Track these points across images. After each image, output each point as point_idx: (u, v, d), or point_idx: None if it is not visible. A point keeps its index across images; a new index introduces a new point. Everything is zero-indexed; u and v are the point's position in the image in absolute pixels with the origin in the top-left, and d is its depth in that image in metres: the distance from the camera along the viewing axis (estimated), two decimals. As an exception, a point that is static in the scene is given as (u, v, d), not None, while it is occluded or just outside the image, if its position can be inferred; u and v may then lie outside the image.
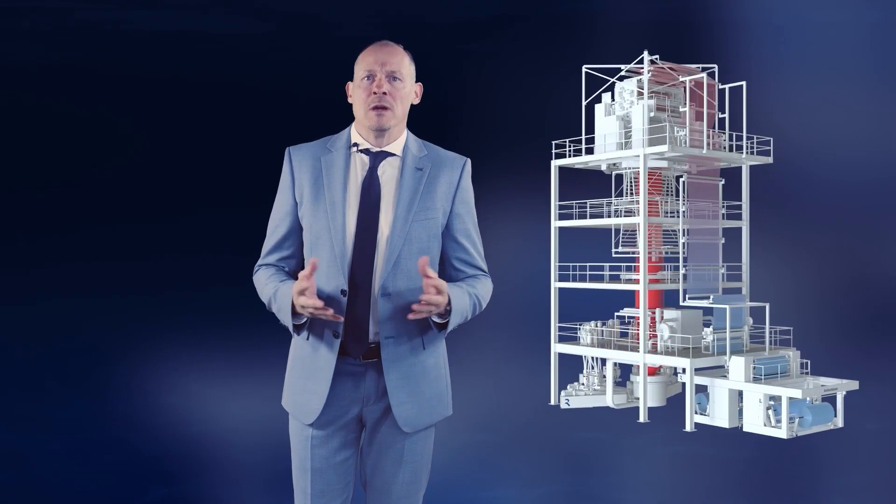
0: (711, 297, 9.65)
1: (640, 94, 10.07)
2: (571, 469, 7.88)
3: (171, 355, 11.22)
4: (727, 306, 9.34)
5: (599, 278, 10.45)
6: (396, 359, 2.81)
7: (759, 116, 10.44)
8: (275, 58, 12.99)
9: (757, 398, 8.78)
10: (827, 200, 11.56)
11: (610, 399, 9.92)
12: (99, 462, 7.54)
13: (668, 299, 10.21)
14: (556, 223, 10.43)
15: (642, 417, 9.36)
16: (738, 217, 10.42)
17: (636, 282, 9.91)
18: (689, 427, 8.99)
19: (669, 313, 9.85)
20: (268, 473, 6.97)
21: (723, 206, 10.09)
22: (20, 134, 13.91)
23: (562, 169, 10.46)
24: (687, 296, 9.70)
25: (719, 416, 9.08)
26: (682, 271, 9.66)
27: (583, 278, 10.41)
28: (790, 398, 8.51)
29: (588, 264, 10.26)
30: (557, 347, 10.32)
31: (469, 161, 2.99)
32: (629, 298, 10.28)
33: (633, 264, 10.22)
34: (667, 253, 10.24)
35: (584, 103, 10.45)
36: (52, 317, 13.02)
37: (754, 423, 8.82)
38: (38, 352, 12.19)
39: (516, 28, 12.86)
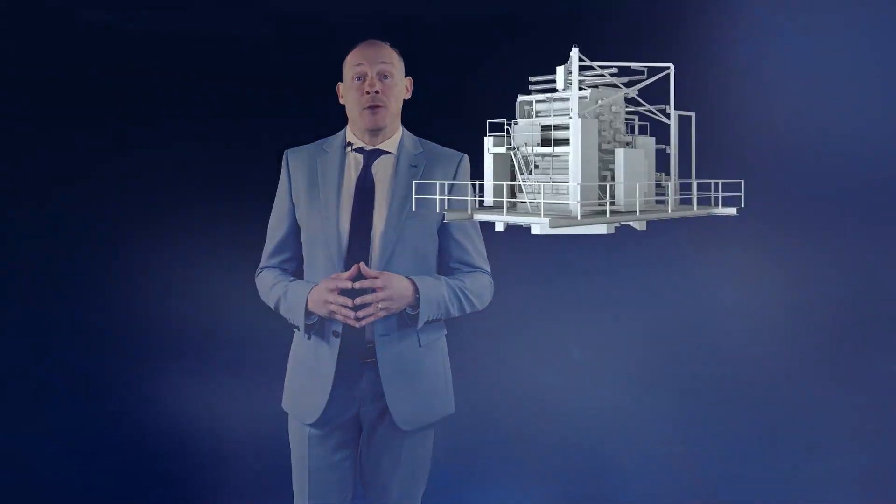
0: None
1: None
2: (571, 469, 7.88)
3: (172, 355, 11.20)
4: None
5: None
6: (392, 356, 2.80)
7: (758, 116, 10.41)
8: (275, 58, 12.99)
9: None
10: (826, 200, 11.56)
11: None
12: (99, 462, 7.54)
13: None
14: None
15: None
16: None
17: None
18: None
19: None
20: (268, 473, 6.96)
21: None
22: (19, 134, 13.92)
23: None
24: None
25: None
26: None
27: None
28: None
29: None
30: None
31: (466, 157, 2.94)
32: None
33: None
34: None
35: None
36: (51, 316, 13.02)
37: None
38: (38, 352, 12.17)
39: (516, 28, 12.86)
